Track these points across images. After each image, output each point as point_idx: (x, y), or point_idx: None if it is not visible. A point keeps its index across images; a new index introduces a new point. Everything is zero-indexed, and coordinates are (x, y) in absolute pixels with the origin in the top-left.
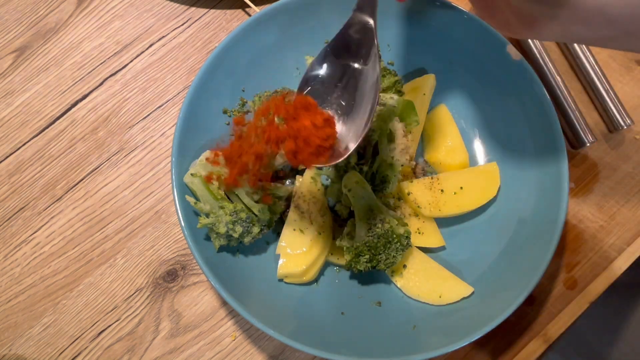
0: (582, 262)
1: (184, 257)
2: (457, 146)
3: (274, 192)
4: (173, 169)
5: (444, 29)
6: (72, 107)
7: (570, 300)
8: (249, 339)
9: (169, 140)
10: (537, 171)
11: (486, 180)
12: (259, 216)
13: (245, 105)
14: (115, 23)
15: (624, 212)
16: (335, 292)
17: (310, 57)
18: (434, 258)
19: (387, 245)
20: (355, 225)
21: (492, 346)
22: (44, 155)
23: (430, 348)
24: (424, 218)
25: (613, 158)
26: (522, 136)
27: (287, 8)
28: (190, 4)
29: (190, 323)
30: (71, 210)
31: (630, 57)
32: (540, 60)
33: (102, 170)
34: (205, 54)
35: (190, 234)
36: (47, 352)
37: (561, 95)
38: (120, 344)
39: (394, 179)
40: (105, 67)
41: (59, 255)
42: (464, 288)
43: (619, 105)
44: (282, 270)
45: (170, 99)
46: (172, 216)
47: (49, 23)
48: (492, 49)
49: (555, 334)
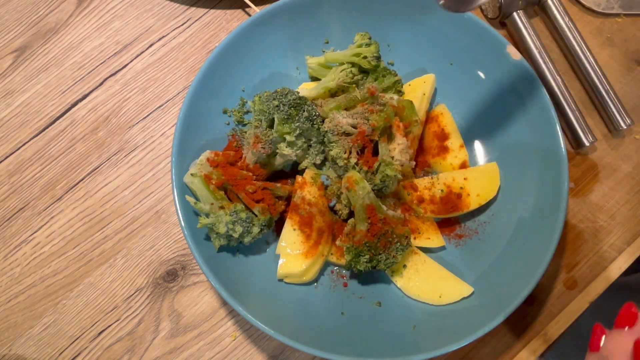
0: (582, 262)
1: (184, 257)
2: (457, 146)
3: (274, 192)
4: (173, 169)
5: (444, 29)
6: (72, 107)
7: (570, 300)
8: (249, 339)
9: (169, 140)
10: (537, 171)
11: (486, 180)
12: (259, 216)
13: (245, 105)
14: (115, 23)
15: (624, 212)
16: (335, 292)
17: (310, 57)
18: (434, 258)
19: (387, 245)
20: (355, 225)
21: (492, 346)
22: (44, 155)
23: (430, 348)
24: (424, 218)
25: (613, 158)
26: (522, 136)
27: (287, 8)
28: (190, 4)
29: (190, 323)
30: (71, 210)
31: (630, 57)
32: (540, 60)
33: (102, 170)
34: (205, 54)
35: (190, 234)
36: (47, 352)
37: (561, 95)
38: (120, 344)
39: (394, 179)
40: (105, 67)
41: (59, 255)
42: (464, 288)
43: (619, 105)
44: (282, 270)
45: (170, 99)
46: (172, 216)
47: (49, 23)
48: (492, 49)
49: (555, 334)
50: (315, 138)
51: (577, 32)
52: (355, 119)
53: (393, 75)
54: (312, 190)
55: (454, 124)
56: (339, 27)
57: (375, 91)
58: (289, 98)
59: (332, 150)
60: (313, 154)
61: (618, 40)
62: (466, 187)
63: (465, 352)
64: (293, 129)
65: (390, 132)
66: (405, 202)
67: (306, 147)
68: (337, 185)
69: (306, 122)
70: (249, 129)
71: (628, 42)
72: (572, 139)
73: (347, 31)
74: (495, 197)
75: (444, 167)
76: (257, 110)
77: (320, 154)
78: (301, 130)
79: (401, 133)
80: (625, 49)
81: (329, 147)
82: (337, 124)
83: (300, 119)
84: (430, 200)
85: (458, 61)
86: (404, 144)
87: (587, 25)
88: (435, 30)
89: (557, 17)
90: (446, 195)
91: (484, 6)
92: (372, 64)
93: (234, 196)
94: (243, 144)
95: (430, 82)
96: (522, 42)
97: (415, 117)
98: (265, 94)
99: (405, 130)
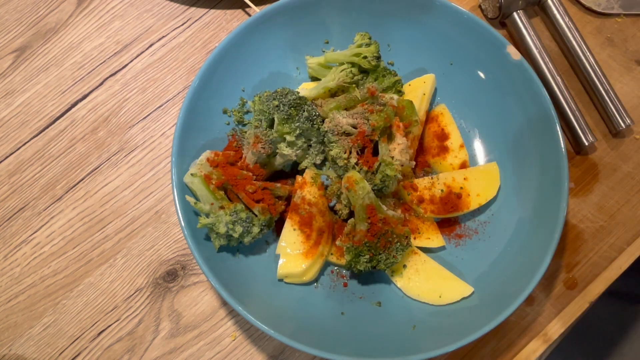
0: (582, 262)
1: (184, 257)
2: (457, 146)
3: (274, 192)
4: (173, 169)
5: (444, 29)
6: (72, 107)
7: (570, 300)
8: (249, 339)
9: (169, 140)
10: (537, 171)
11: (486, 180)
12: (259, 216)
13: (245, 105)
14: (115, 23)
15: (624, 212)
16: (335, 292)
17: (310, 57)
18: (434, 258)
19: (387, 245)
20: (355, 225)
21: (492, 346)
22: (44, 155)
23: (430, 348)
24: (424, 218)
25: (613, 158)
26: (522, 136)
27: (287, 8)
28: (190, 4)
29: (190, 323)
30: (71, 210)
31: (630, 57)
32: (540, 60)
33: (102, 170)
34: (205, 54)
35: (190, 234)
36: (47, 352)
37: (561, 95)
38: (120, 344)
39: (394, 179)
40: (105, 67)
41: (59, 255)
42: (464, 288)
43: (619, 105)
44: (282, 270)
45: (170, 99)
46: (172, 216)
47: (49, 23)
48: (492, 49)
49: (555, 334)
50: (315, 138)
51: (577, 32)
52: (355, 119)
53: (393, 75)
54: (312, 190)
55: (454, 124)
56: (339, 27)
57: (375, 91)
58: (289, 98)
59: (332, 150)
60: (313, 154)
61: (618, 40)
62: (466, 187)
63: (465, 352)
64: (293, 129)
65: (390, 132)
66: (405, 202)
67: (306, 147)
68: (337, 185)
69: (306, 122)
70: (249, 129)
71: (628, 42)
72: (572, 139)
73: (347, 31)
74: (495, 197)
75: (444, 167)
76: (257, 110)
77: (320, 154)
78: (301, 130)
79: (401, 133)
80: (625, 49)
81: (329, 147)
82: (337, 124)
83: (300, 119)
84: (430, 200)
85: (458, 61)
86: (404, 144)
87: (587, 25)
88: (435, 30)
89: (557, 17)
90: (446, 195)
91: (484, 6)
92: (372, 64)
93: (234, 196)
94: (243, 144)
95: (430, 82)
96: (522, 42)
97: (415, 117)
98: (265, 94)
99: (405, 130)
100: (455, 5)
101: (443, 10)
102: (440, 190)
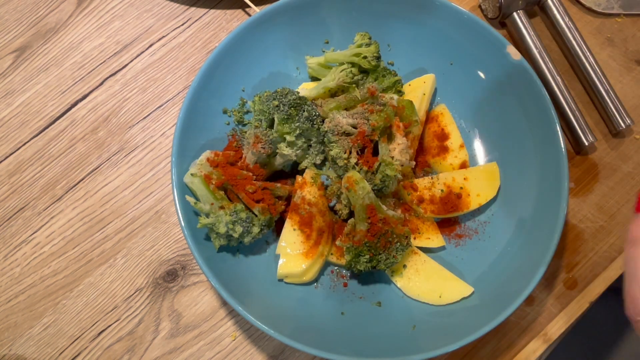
0: (582, 262)
1: (184, 257)
2: (457, 146)
3: (274, 192)
4: (173, 169)
5: (444, 29)
6: (72, 107)
7: (570, 300)
8: (249, 339)
9: (169, 140)
10: (537, 171)
11: (486, 180)
12: (259, 216)
13: (245, 105)
14: (115, 23)
15: (624, 212)
16: (335, 292)
17: (310, 57)
18: (434, 258)
19: (387, 245)
20: (355, 225)
21: (492, 346)
22: (44, 155)
23: (430, 348)
24: (424, 218)
25: (613, 158)
26: (522, 136)
27: (287, 8)
28: (190, 4)
29: (190, 323)
30: (71, 210)
31: (630, 57)
32: (540, 60)
33: (102, 170)
34: (205, 54)
35: (190, 234)
36: (47, 352)
37: (561, 95)
38: (120, 344)
39: (394, 179)
40: (105, 67)
41: (59, 255)
42: (464, 288)
43: (619, 105)
44: (282, 270)
45: (170, 99)
46: (172, 216)
47: (49, 23)
48: (492, 49)
49: (555, 334)
50: (315, 138)
51: (577, 32)
52: (355, 119)
53: (393, 75)
54: (312, 190)
55: (454, 124)
56: (339, 27)
57: (375, 91)
58: (289, 98)
59: (332, 150)
60: (313, 154)
61: (618, 40)
62: (466, 187)
63: (465, 352)
64: (293, 129)
65: (390, 132)
66: (405, 202)
67: (306, 147)
68: (337, 185)
69: (306, 122)
70: (249, 129)
71: (628, 42)
72: (572, 139)
73: (347, 31)
74: (495, 197)
75: (444, 167)
76: (257, 110)
77: (320, 154)
78: (301, 130)
79: (401, 133)
80: (625, 49)
81: (329, 147)
82: (337, 124)
83: (300, 119)
84: (430, 200)
85: (458, 61)
86: (404, 144)
87: (587, 25)
88: (435, 30)
89: (557, 17)
90: (446, 195)
91: (484, 6)
92: (372, 64)
93: (234, 196)
94: (243, 144)
95: (430, 82)
96: (522, 42)
97: (415, 117)
98: (265, 94)
99: (405, 130)
100: (455, 5)
101: (443, 10)
102: (440, 190)
